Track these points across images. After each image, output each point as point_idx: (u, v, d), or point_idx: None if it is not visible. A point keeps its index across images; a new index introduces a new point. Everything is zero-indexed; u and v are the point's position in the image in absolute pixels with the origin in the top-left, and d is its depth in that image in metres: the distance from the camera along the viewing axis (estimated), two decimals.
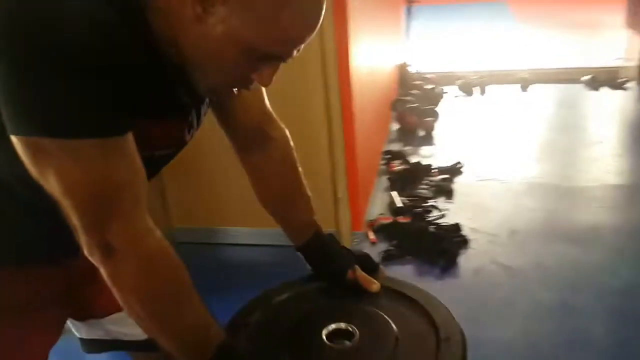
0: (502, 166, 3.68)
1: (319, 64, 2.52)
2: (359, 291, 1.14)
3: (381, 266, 1.21)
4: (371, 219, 2.98)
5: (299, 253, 1.19)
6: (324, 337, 1.01)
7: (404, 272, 2.56)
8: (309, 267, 1.19)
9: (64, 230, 0.81)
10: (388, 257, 2.67)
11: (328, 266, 1.17)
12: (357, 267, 1.16)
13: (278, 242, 2.76)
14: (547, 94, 5.19)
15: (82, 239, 0.80)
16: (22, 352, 1.02)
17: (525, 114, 4.69)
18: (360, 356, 0.99)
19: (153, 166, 0.94)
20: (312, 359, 1.01)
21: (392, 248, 2.73)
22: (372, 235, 2.86)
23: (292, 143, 1.20)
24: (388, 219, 2.94)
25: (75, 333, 1.22)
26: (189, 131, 0.99)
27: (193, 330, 0.88)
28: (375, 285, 1.15)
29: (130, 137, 0.80)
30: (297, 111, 2.61)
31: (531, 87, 5.29)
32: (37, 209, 0.87)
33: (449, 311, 1.08)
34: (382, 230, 2.89)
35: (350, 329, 1.03)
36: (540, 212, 3.10)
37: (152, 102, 0.86)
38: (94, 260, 0.81)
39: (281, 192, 1.20)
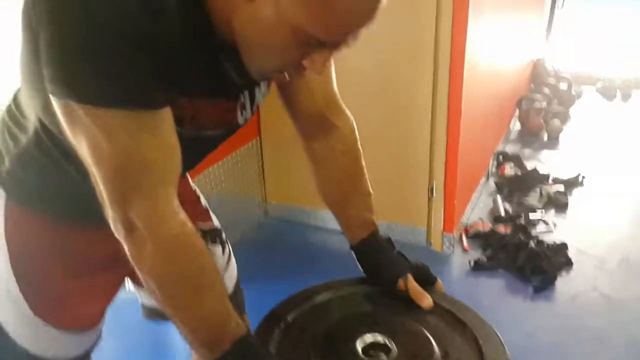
0: (629, 186, 3.29)
1: (432, 50, 2.37)
2: (408, 303, 1.05)
3: (439, 280, 1.11)
4: (468, 223, 2.80)
5: (351, 252, 1.13)
6: (358, 348, 0.94)
7: (492, 286, 2.38)
8: (360, 268, 1.12)
9: None
10: (478, 267, 2.49)
11: (379, 271, 1.10)
12: (410, 277, 1.06)
13: None
14: None
15: (108, 213, 0.80)
16: (85, 306, 1.07)
17: None
18: None
19: (202, 145, 0.94)
20: None
21: (484, 258, 2.54)
22: (465, 241, 2.68)
23: (357, 135, 1.13)
24: (486, 226, 2.74)
25: (138, 298, 1.26)
26: (241, 113, 0.96)
27: (209, 320, 0.86)
28: (426, 300, 1.05)
29: (164, 114, 0.78)
30: (402, 97, 2.49)
31: None
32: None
33: (502, 342, 0.97)
34: (478, 237, 2.70)
35: (387, 343, 0.95)
36: None
37: (200, 81, 0.85)
38: (118, 235, 0.81)
39: (340, 185, 1.14)
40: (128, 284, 1.19)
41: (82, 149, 0.77)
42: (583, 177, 3.27)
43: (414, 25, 2.32)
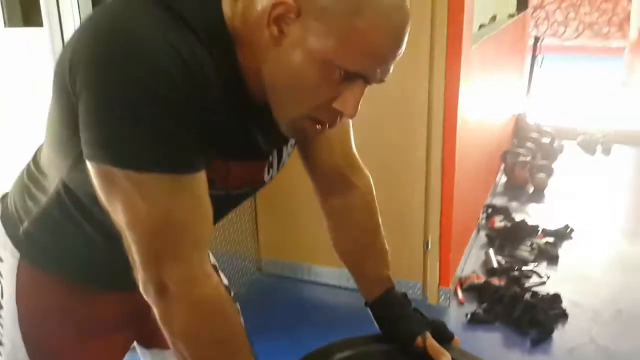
0: (617, 237, 3.36)
1: (425, 109, 2.45)
2: None
3: (456, 337, 1.11)
4: (462, 276, 2.82)
5: (367, 309, 1.13)
6: None
7: (489, 340, 2.37)
8: (376, 325, 1.12)
9: None
10: (474, 320, 2.50)
11: (397, 328, 1.09)
12: (428, 334, 1.06)
13: None
14: None
15: (139, 275, 0.80)
16: None
17: None
18: None
19: (228, 204, 0.94)
20: None
21: (480, 311, 2.55)
22: (460, 294, 2.69)
23: (374, 193, 1.16)
24: (480, 279, 2.76)
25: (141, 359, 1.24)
26: (268, 172, 0.97)
27: None
28: (445, 358, 1.04)
29: (201, 177, 0.79)
30: (397, 152, 2.55)
31: None
32: (111, 233, 0.88)
33: None
34: (472, 290, 2.72)
35: None
36: None
37: (235, 143, 0.86)
38: (148, 297, 0.81)
39: (357, 241, 1.16)
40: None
41: (117, 211, 0.77)
42: (572, 229, 3.32)
43: (408, 86, 2.40)
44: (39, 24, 3.74)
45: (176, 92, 0.72)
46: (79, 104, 0.75)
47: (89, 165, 0.76)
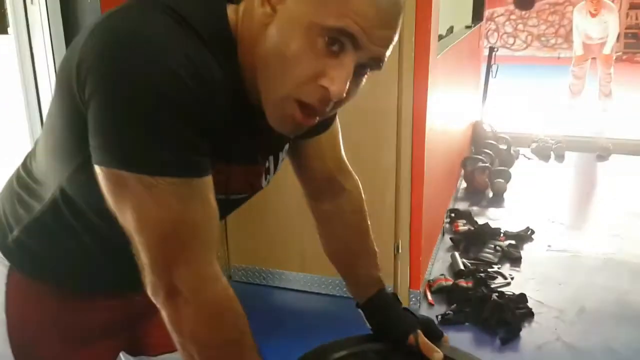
0: (575, 238, 3.50)
1: (394, 117, 2.51)
2: (419, 358, 1.08)
3: (445, 334, 1.14)
4: (431, 279, 2.88)
5: (359, 310, 1.15)
6: None
7: (460, 340, 2.43)
8: (368, 325, 1.14)
9: (131, 264, 0.80)
10: (445, 321, 2.56)
11: (389, 328, 1.12)
12: (420, 332, 1.09)
13: (331, 292, 2.81)
14: (628, 166, 4.96)
15: (148, 278, 0.79)
16: None
17: (604, 185, 4.48)
18: None
19: (225, 209, 0.94)
20: None
21: (450, 312, 2.62)
22: (430, 296, 2.75)
23: (363, 196, 1.18)
24: (448, 281, 2.84)
25: None
26: (265, 177, 0.99)
27: None
28: (437, 355, 1.07)
29: (209, 180, 0.79)
30: (366, 160, 2.57)
31: (612, 157, 5.07)
32: (108, 241, 0.88)
33: None
34: (441, 292, 2.79)
35: None
36: (613, 291, 2.90)
37: (235, 147, 0.87)
38: (157, 301, 0.80)
39: (348, 244, 1.17)
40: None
41: (126, 216, 0.77)
42: (532, 231, 3.44)
43: (377, 95, 2.45)
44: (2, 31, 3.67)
45: (188, 97, 0.73)
46: (89, 108, 0.74)
47: (97, 170, 0.76)
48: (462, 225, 3.45)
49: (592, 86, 6.71)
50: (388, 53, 0.81)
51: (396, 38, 0.80)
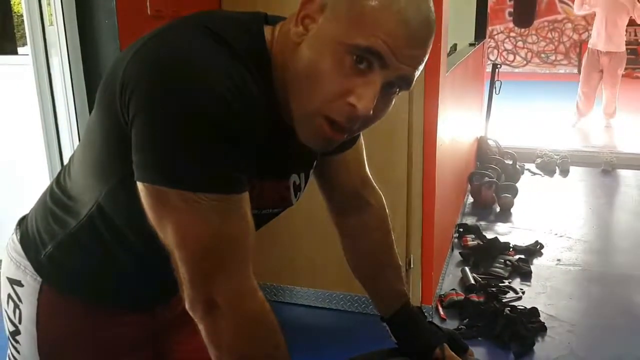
0: (583, 253, 3.51)
1: (405, 133, 2.54)
2: None
3: (470, 348, 1.16)
4: (442, 294, 2.89)
5: (384, 324, 1.16)
6: None
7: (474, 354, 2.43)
8: (393, 339, 1.15)
9: (163, 279, 0.82)
10: None
11: (415, 341, 1.13)
12: (446, 346, 1.11)
13: (342, 307, 2.82)
14: (634, 180, 4.97)
15: (187, 292, 0.80)
16: None
17: (609, 199, 4.50)
18: None
19: (257, 223, 0.94)
20: None
21: (463, 327, 2.62)
22: (442, 311, 2.76)
23: (387, 210, 1.20)
24: (460, 296, 2.84)
25: None
26: (295, 193, 1.00)
27: None
28: None
29: (247, 196, 0.81)
30: (378, 176, 2.55)
31: (617, 172, 5.10)
32: (142, 256, 0.89)
33: None
34: (453, 307, 2.79)
35: None
36: (624, 304, 2.91)
37: (269, 163, 0.89)
38: (195, 315, 0.81)
39: (373, 258, 1.19)
40: None
41: (167, 231, 0.78)
42: (541, 245, 3.45)
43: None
44: (11, 51, 3.70)
45: (231, 116, 0.75)
46: (133, 126, 0.77)
47: (140, 186, 0.78)
48: (471, 240, 3.46)
49: (597, 105, 6.76)
50: (417, 73, 0.82)
51: (426, 58, 0.82)
